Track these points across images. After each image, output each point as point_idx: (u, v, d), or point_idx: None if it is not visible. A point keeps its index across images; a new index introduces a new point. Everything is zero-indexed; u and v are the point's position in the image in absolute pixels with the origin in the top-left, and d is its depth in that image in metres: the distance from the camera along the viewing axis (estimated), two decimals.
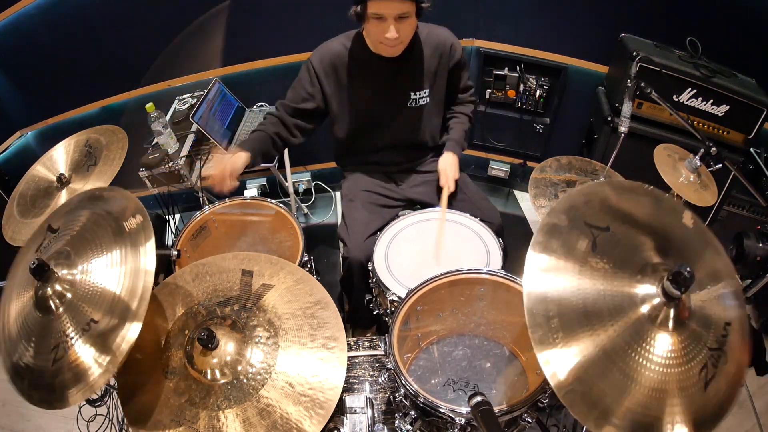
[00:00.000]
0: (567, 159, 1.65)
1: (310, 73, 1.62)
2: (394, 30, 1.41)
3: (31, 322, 0.92)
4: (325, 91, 1.65)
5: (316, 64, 1.61)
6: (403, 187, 1.82)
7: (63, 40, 2.30)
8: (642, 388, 0.78)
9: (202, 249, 1.68)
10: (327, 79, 1.63)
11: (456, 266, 1.32)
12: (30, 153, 2.59)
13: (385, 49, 1.51)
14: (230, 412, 0.89)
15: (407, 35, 1.49)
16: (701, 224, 0.94)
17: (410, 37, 1.52)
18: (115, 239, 0.95)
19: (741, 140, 2.00)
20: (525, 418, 1.05)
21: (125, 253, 0.92)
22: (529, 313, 0.81)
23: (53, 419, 1.97)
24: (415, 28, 1.51)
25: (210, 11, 2.32)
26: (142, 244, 0.93)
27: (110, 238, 0.95)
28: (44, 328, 0.90)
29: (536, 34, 2.38)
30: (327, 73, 1.62)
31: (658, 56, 1.97)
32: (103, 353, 0.84)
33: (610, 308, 0.82)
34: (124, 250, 0.93)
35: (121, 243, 0.94)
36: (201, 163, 2.18)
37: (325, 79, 1.63)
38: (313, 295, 1.05)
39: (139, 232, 0.95)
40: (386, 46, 1.49)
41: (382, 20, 1.41)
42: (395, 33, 1.41)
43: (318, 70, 1.61)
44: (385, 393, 1.32)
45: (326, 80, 1.63)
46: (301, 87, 1.65)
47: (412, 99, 1.67)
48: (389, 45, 1.47)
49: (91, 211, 1.01)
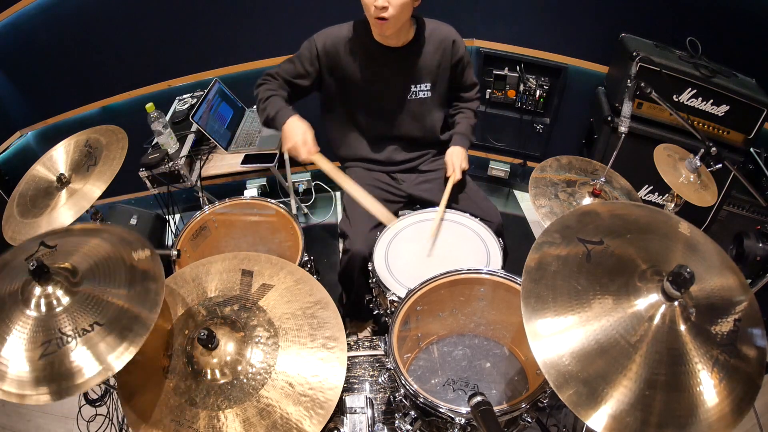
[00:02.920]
0: (567, 159, 1.65)
1: (312, 52, 1.62)
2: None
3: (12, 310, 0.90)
4: (323, 72, 1.65)
5: (320, 45, 1.61)
6: (405, 185, 1.82)
7: (63, 40, 2.31)
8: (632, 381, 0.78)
9: (202, 249, 1.68)
10: (327, 61, 1.63)
11: (456, 266, 1.32)
12: (30, 153, 2.60)
13: (377, 25, 1.50)
14: (230, 412, 0.89)
15: (397, 11, 1.45)
16: (697, 231, 0.94)
17: (401, 16, 1.48)
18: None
19: (741, 140, 2.00)
20: (525, 418, 1.05)
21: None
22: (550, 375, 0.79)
23: (53, 419, 1.97)
24: (409, 9, 1.50)
25: (210, 12, 2.32)
26: None
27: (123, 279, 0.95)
28: (27, 323, 0.89)
29: (536, 34, 2.38)
30: (329, 55, 1.62)
31: (658, 56, 1.97)
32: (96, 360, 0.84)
33: (622, 333, 0.81)
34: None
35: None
36: (201, 163, 2.18)
37: (325, 61, 1.62)
38: (313, 295, 1.05)
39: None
40: (377, 22, 1.48)
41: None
42: (384, 2, 1.41)
43: (320, 50, 1.61)
44: (385, 393, 1.32)
45: (326, 62, 1.63)
46: (300, 63, 1.64)
47: (412, 91, 1.68)
48: (377, 17, 1.46)
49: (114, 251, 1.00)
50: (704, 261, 0.91)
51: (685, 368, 0.79)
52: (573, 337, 0.81)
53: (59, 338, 0.86)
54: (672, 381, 0.78)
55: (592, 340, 0.81)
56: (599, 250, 0.90)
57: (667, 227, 0.96)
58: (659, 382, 0.78)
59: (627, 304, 0.83)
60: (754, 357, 0.83)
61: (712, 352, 0.81)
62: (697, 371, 0.79)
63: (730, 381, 0.80)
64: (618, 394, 0.77)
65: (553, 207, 1.48)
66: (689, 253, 0.92)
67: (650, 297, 0.82)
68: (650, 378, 0.78)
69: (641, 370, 0.78)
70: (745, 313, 0.86)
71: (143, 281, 0.93)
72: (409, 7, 1.49)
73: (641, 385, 0.77)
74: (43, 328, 0.87)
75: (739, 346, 0.82)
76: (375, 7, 1.43)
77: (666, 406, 0.77)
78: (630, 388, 0.77)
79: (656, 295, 0.82)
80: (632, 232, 0.94)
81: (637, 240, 0.92)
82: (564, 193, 1.53)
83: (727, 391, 0.80)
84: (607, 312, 0.83)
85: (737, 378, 0.81)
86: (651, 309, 0.82)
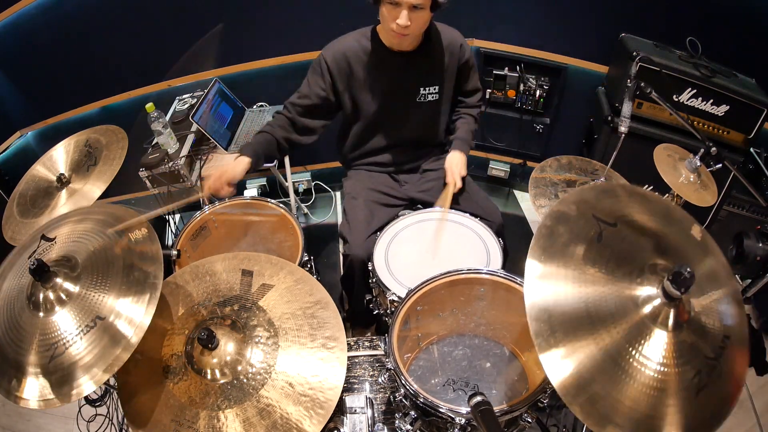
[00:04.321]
0: (567, 159, 1.65)
1: (323, 67, 1.62)
2: (407, 18, 1.42)
3: (19, 314, 0.92)
4: (337, 86, 1.64)
5: (329, 59, 1.61)
6: (406, 187, 1.82)
7: (63, 40, 2.30)
8: (640, 387, 0.78)
9: (202, 249, 1.68)
10: (339, 74, 1.63)
11: (456, 266, 1.32)
12: (30, 153, 2.59)
13: (393, 36, 1.51)
14: (230, 412, 0.89)
15: (418, 27, 1.48)
16: (707, 235, 0.95)
17: (421, 30, 1.52)
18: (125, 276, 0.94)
19: (741, 140, 2.00)
20: (525, 418, 1.05)
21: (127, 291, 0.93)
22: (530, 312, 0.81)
23: (53, 419, 1.97)
24: (427, 23, 1.52)
25: (210, 11, 2.32)
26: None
27: (119, 275, 0.95)
28: (35, 324, 0.90)
29: (536, 34, 2.38)
30: (340, 68, 1.62)
31: (658, 56, 1.97)
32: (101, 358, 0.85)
33: (612, 311, 0.82)
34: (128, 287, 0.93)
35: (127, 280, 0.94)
36: (201, 163, 2.18)
37: (337, 74, 1.62)
38: (313, 295, 1.05)
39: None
40: (395, 34, 1.49)
41: (397, 6, 1.42)
42: (406, 21, 1.42)
43: (331, 64, 1.61)
44: (385, 393, 1.32)
45: (339, 75, 1.63)
46: (313, 82, 1.64)
47: (421, 94, 1.68)
48: (398, 32, 1.47)
49: (102, 233, 1.01)
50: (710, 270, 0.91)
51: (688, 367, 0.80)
52: (564, 292, 0.84)
53: (65, 339, 0.87)
54: (676, 381, 0.79)
55: (581, 301, 0.82)
56: (611, 232, 0.90)
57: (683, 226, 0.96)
58: (621, 363, 0.79)
59: (626, 286, 0.84)
60: (732, 378, 0.84)
61: (705, 353, 0.81)
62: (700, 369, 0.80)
63: (720, 381, 0.81)
64: (580, 353, 0.79)
65: None
66: (702, 257, 0.92)
67: (651, 297, 0.83)
68: (615, 355, 0.79)
69: (612, 344, 0.80)
70: (735, 333, 0.87)
71: (141, 263, 0.94)
72: (427, 22, 1.51)
73: (605, 357, 0.79)
74: (48, 330, 0.89)
75: (722, 364, 0.83)
76: (398, 25, 1.44)
77: (609, 390, 0.78)
78: (594, 355, 0.79)
79: (658, 298, 0.83)
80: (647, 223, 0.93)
81: (653, 232, 0.92)
82: (564, 193, 1.53)
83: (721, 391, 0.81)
84: (603, 284, 0.84)
85: (725, 378, 0.82)
86: (647, 299, 0.83)
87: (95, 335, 0.87)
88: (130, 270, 0.94)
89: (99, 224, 1.03)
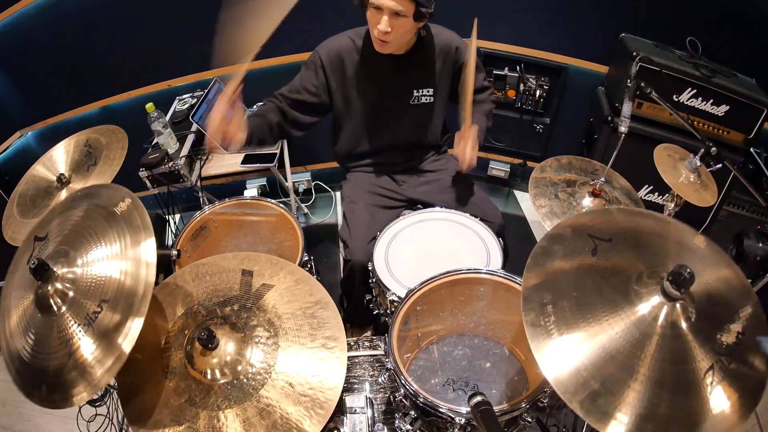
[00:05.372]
0: (567, 159, 1.64)
1: (317, 64, 1.62)
2: (387, 24, 1.41)
3: (35, 325, 0.92)
4: (330, 84, 1.64)
5: (324, 56, 1.61)
6: (405, 188, 1.82)
7: (63, 40, 2.30)
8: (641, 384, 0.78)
9: (202, 249, 1.68)
10: (333, 73, 1.62)
11: (456, 266, 1.32)
12: (30, 153, 2.59)
13: (376, 42, 1.51)
14: (230, 412, 0.89)
15: (398, 36, 1.47)
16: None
17: (403, 40, 1.51)
18: (109, 224, 0.95)
19: (741, 140, 2.00)
20: (525, 418, 1.05)
21: (122, 235, 0.93)
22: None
23: (53, 419, 1.97)
24: (410, 32, 1.51)
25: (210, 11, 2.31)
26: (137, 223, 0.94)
27: (104, 225, 0.95)
28: (50, 327, 0.90)
29: (536, 34, 2.38)
30: (333, 66, 1.62)
31: (658, 56, 1.97)
32: (109, 345, 0.85)
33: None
34: (120, 233, 0.93)
35: (116, 227, 0.95)
36: (201, 163, 2.18)
37: (331, 73, 1.62)
38: (313, 295, 1.05)
39: (132, 212, 0.95)
40: (377, 40, 1.49)
41: (379, 11, 1.41)
42: (387, 27, 1.42)
43: (325, 62, 1.61)
44: (385, 393, 1.32)
45: (332, 73, 1.62)
46: (306, 78, 1.63)
47: (414, 96, 1.67)
48: (379, 38, 1.47)
49: (81, 208, 1.01)
50: (701, 261, 0.92)
51: (690, 366, 0.80)
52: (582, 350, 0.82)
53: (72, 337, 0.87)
54: (679, 380, 0.79)
55: (599, 348, 0.81)
56: (607, 246, 0.91)
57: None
58: (666, 383, 0.78)
59: (629, 309, 0.84)
60: (760, 361, 0.84)
61: (715, 351, 0.81)
62: (701, 369, 0.79)
63: (734, 381, 0.80)
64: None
65: (553, 207, 1.48)
66: (682, 252, 0.93)
67: (652, 299, 0.83)
68: (658, 379, 0.78)
69: (648, 371, 0.78)
70: (750, 319, 0.86)
71: (133, 234, 0.94)
72: (411, 31, 1.50)
73: (649, 387, 0.77)
74: (62, 327, 0.89)
75: (743, 351, 0.83)
76: (378, 30, 1.44)
77: (672, 406, 0.77)
78: (638, 391, 0.77)
79: (657, 297, 0.82)
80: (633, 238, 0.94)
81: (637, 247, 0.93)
82: (564, 193, 1.53)
83: (731, 391, 0.80)
84: (612, 321, 0.83)
85: (741, 378, 0.81)
86: (654, 310, 0.82)
87: (105, 316, 0.87)
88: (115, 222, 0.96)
89: (83, 202, 1.03)
